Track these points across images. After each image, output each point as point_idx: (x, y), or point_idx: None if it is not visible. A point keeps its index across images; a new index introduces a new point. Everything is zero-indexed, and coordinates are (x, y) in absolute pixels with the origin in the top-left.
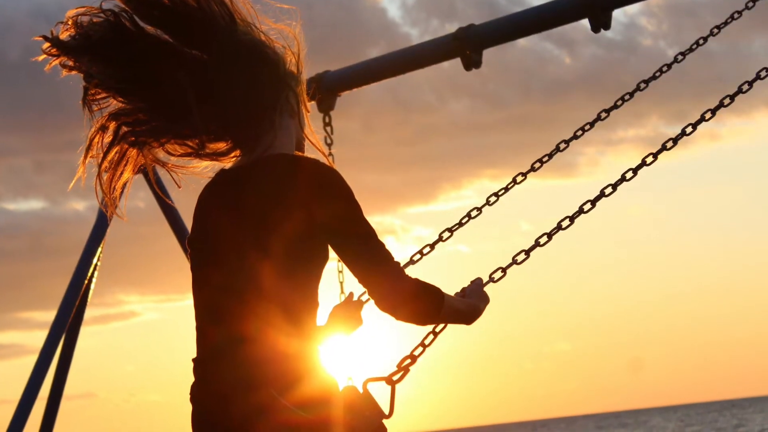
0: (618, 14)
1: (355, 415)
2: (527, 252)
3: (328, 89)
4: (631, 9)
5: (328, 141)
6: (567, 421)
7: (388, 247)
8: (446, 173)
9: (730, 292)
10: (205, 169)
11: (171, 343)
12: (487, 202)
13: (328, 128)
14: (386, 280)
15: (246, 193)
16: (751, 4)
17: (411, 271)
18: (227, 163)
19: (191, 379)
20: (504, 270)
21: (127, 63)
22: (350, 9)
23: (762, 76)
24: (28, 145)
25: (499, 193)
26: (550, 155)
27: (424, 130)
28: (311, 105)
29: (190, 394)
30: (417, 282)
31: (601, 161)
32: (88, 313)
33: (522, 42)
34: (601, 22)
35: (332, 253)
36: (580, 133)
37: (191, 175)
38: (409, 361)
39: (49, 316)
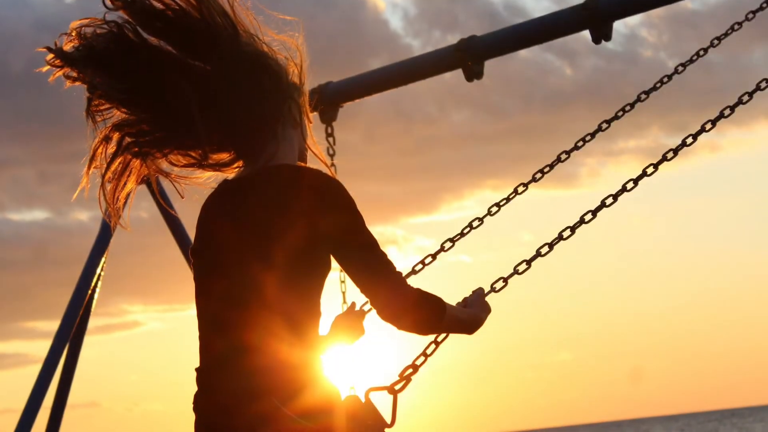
0: (619, 25)
1: (358, 424)
2: (528, 262)
3: (331, 100)
4: (631, 20)
5: (331, 151)
6: (568, 430)
7: (390, 257)
8: (448, 183)
9: (731, 302)
10: (208, 180)
11: (174, 353)
12: (489, 213)
13: (331, 139)
14: (388, 290)
15: (249, 204)
16: (751, 16)
17: (413, 281)
18: (230, 174)
19: (194, 388)
20: (505, 280)
21: (130, 74)
22: (352, 20)
23: (762, 87)
24: (32, 155)
25: (501, 204)
26: (552, 166)
27: (426, 140)
28: (313, 116)
29: (193, 403)
30: (419, 292)
31: (602, 172)
32: (92, 322)
33: (523, 53)
34: (602, 34)
35: (334, 263)
36: (581, 143)
37: (194, 186)
38: (410, 370)
39: (53, 325)
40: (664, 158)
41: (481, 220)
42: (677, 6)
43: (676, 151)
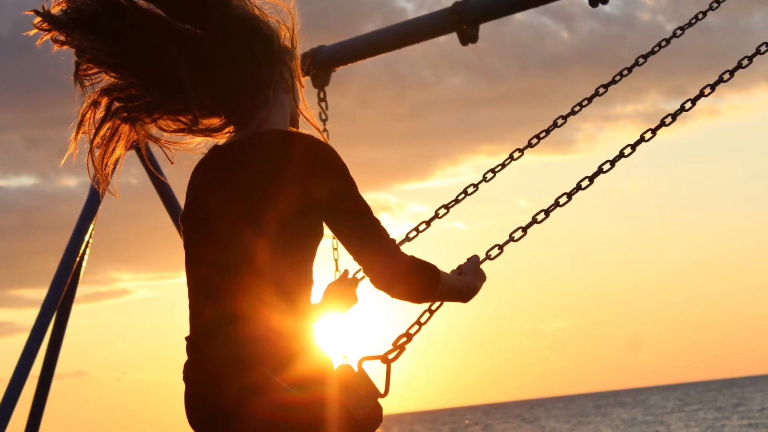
0: None
1: (350, 393)
2: (524, 229)
3: (323, 64)
4: None
5: (323, 117)
6: (565, 400)
7: (383, 224)
8: (442, 149)
9: (730, 270)
10: (198, 145)
11: (163, 322)
12: (484, 179)
13: (323, 104)
14: (381, 258)
15: (240, 169)
16: None
17: (407, 249)
18: (220, 139)
19: (184, 357)
20: (501, 247)
21: (119, 37)
22: None
23: (762, 51)
24: (19, 120)
25: (496, 170)
26: (548, 131)
27: (420, 105)
28: (306, 80)
29: (183, 372)
30: (412, 259)
31: (599, 137)
32: (80, 290)
33: (519, 16)
34: None
35: (327, 230)
36: (577, 108)
37: (184, 151)
38: (404, 339)
39: (41, 293)
40: (663, 123)
41: (476, 186)
42: None
43: (674, 116)
